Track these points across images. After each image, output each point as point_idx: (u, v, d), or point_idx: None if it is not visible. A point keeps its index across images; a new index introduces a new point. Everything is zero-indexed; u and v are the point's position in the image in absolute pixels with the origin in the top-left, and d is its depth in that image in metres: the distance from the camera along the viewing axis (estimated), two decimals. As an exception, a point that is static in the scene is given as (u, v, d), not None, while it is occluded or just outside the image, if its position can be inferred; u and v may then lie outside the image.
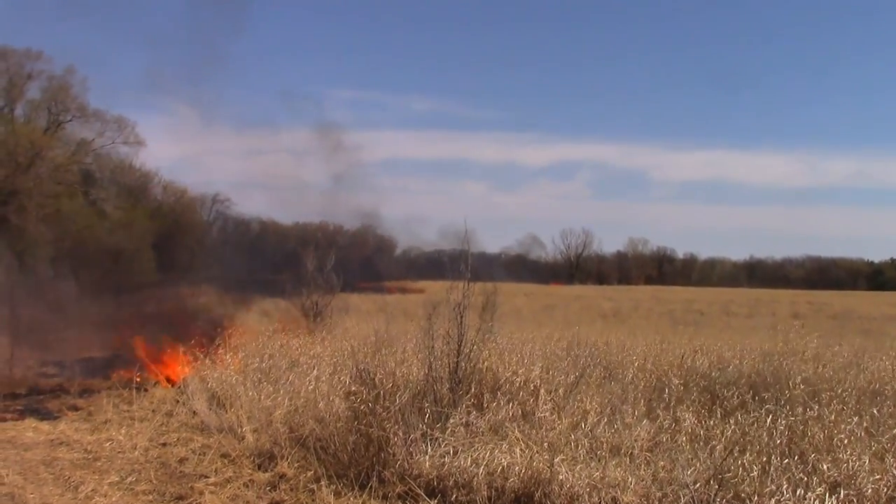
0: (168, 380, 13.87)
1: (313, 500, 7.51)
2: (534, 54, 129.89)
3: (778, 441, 8.04)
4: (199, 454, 9.03)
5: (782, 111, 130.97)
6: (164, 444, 9.53)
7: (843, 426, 8.35)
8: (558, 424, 8.62)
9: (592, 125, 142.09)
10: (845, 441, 7.79)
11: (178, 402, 11.74)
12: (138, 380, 12.85)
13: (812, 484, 6.70)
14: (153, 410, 11.48)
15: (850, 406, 9.55)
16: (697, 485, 6.72)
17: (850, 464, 7.11)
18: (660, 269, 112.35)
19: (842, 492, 6.59)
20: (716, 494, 6.59)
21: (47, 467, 8.55)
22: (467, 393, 9.16)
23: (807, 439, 8.23)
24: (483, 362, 9.89)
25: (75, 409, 11.95)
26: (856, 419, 8.66)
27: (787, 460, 7.23)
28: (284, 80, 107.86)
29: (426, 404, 8.72)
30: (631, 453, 7.99)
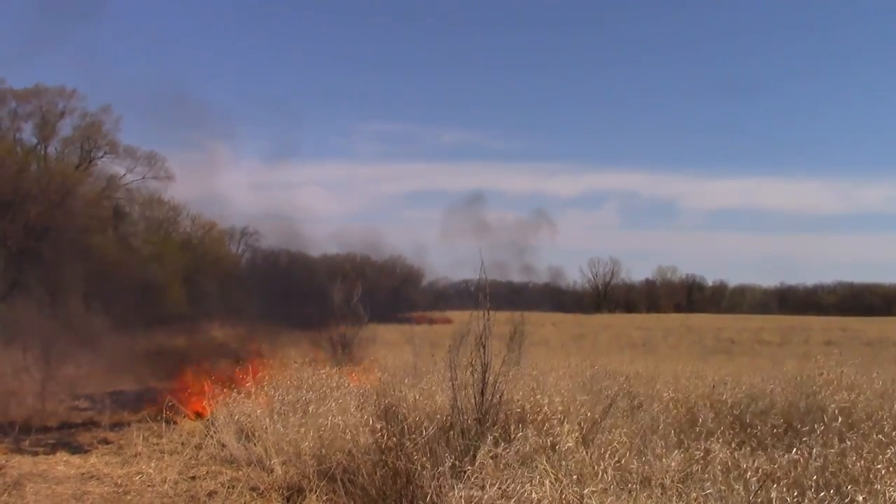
0: (197, 413, 13.92)
1: (342, 534, 7.48)
2: (561, 86, 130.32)
3: (813, 474, 7.89)
4: (229, 487, 9.03)
5: (814, 137, 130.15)
6: (193, 478, 9.54)
7: (880, 456, 8.19)
8: (587, 456, 8.52)
9: (621, 154, 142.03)
10: (882, 471, 7.64)
11: (207, 434, 11.77)
12: (168, 413, 12.91)
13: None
14: (182, 443, 11.52)
15: (888, 435, 9.37)
16: (730, 517, 6.61)
17: (888, 494, 6.97)
18: (689, 296, 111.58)
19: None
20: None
21: (78, 501, 8.59)
22: (494, 424, 9.09)
23: (843, 470, 8.08)
24: (509, 393, 9.82)
25: (106, 442, 12.02)
26: (892, 449, 8.49)
27: (822, 493, 7.09)
28: (315, 113, 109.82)
29: (453, 436, 8.67)
30: (662, 485, 7.87)
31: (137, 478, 9.53)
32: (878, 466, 7.80)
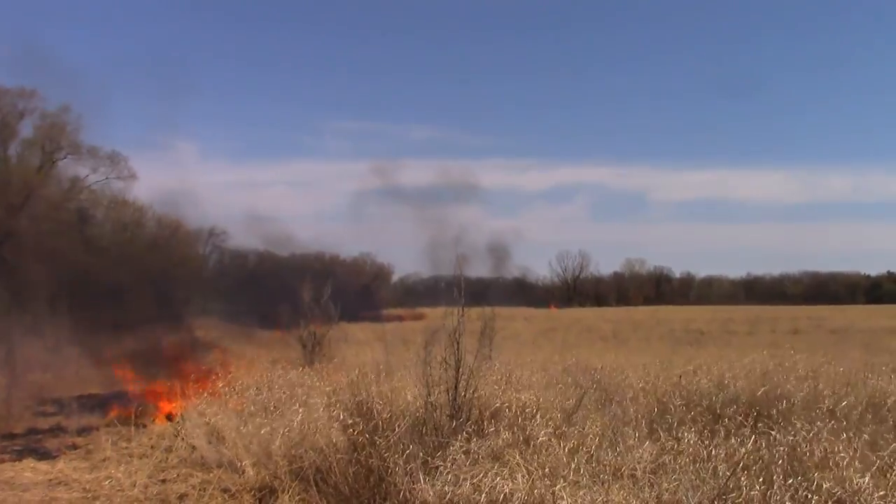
0: (166, 415, 13.79)
1: (315, 534, 7.45)
2: (531, 81, 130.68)
3: (780, 460, 7.99)
4: (200, 490, 8.96)
5: (779, 129, 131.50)
6: (163, 481, 9.44)
7: (844, 443, 8.31)
8: (559, 449, 8.56)
9: (590, 148, 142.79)
10: (846, 459, 7.75)
11: (176, 437, 11.65)
12: (137, 416, 12.77)
13: (816, 502, 6.65)
14: (152, 446, 11.39)
15: (851, 422, 9.52)
16: (701, 506, 6.68)
17: (854, 481, 7.07)
18: (658, 288, 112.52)
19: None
20: (720, 515, 6.54)
21: (46, 508, 8.48)
22: (467, 420, 9.11)
23: (809, 457, 8.18)
24: (481, 388, 9.84)
25: (74, 447, 11.86)
26: (852, 432, 8.63)
27: (791, 480, 7.18)
28: (288, 112, 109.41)
29: (425, 433, 8.67)
30: (634, 476, 7.93)
31: (106, 482, 9.41)
32: (841, 454, 7.91)
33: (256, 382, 14.04)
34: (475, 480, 7.44)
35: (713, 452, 8.52)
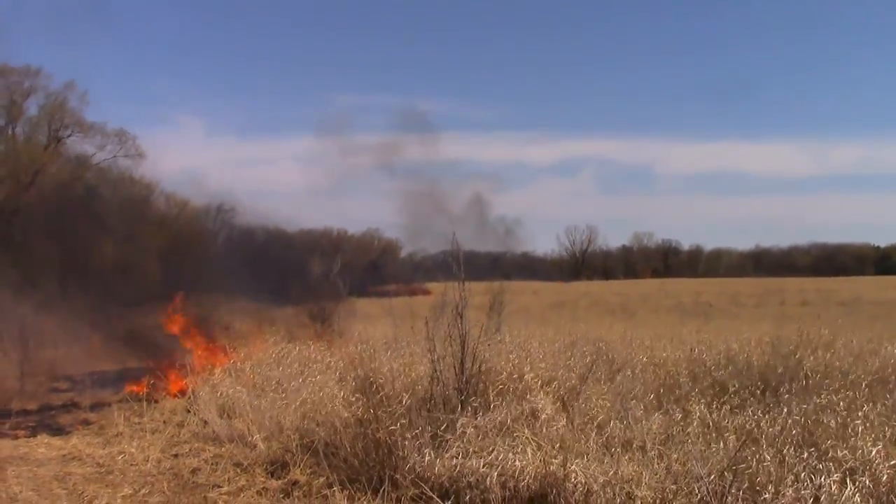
0: (178, 391, 13.87)
1: (327, 506, 7.51)
2: (538, 52, 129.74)
3: (793, 431, 8.00)
4: (212, 464, 9.02)
5: (787, 101, 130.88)
6: (176, 456, 9.52)
7: (857, 413, 8.32)
8: (568, 422, 8.59)
9: (597, 121, 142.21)
10: (860, 428, 7.75)
11: (188, 412, 11.73)
12: (149, 392, 12.84)
13: (827, 470, 6.66)
14: (164, 422, 11.47)
15: (863, 393, 9.51)
16: (712, 476, 6.70)
17: (865, 450, 7.07)
18: (666, 261, 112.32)
19: (858, 479, 6.55)
20: (730, 485, 6.56)
21: (60, 483, 8.54)
22: (474, 394, 9.13)
23: (821, 428, 8.19)
24: (489, 362, 9.85)
25: (87, 423, 11.95)
26: (868, 406, 8.63)
27: (803, 452, 7.18)
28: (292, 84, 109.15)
29: (432, 407, 8.71)
30: (643, 447, 7.95)
31: (120, 457, 9.49)
32: (857, 422, 7.92)
33: (266, 358, 14.10)
34: (489, 459, 7.45)
35: (723, 424, 8.55)
